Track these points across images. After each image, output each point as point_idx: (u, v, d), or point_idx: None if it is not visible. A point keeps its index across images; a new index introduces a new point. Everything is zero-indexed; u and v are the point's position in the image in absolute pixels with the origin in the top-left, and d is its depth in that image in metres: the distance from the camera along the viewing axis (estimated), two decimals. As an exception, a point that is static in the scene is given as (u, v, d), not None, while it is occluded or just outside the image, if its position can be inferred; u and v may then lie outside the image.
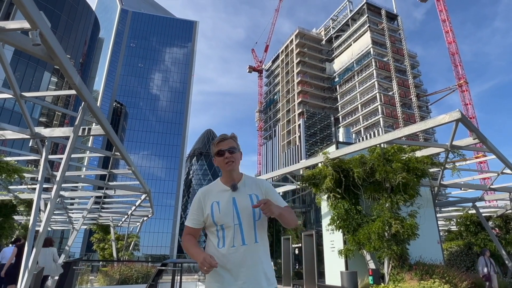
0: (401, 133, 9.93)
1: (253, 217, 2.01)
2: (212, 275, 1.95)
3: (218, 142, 2.15)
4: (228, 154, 2.09)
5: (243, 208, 2.01)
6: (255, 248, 1.99)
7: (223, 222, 1.99)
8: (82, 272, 13.00)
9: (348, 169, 10.85)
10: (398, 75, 72.11)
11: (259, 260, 1.99)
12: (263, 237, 2.08)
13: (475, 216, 18.27)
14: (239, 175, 2.16)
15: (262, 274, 1.97)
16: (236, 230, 1.97)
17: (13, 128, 8.37)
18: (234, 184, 2.08)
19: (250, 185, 2.14)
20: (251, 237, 1.99)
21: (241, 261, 1.93)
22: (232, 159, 2.10)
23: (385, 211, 10.01)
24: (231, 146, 2.12)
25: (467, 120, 8.72)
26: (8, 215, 15.85)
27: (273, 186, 8.01)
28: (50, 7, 47.33)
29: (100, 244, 23.88)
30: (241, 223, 1.99)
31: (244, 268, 1.92)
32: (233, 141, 2.16)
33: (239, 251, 1.94)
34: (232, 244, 1.96)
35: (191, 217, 2.08)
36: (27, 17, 4.29)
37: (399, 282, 9.11)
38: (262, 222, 2.07)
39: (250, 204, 2.03)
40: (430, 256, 10.85)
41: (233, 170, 2.11)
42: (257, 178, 2.26)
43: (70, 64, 5.76)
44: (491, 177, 12.99)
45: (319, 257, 13.23)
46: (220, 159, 2.12)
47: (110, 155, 10.72)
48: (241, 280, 1.91)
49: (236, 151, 2.14)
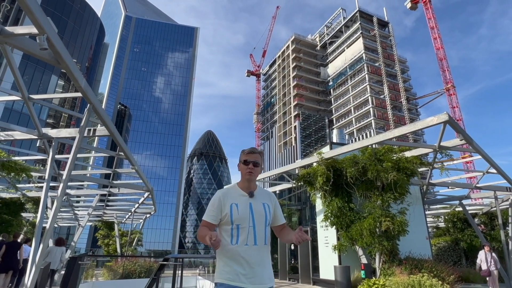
0: (392, 134, 9.97)
1: (265, 222, 2.20)
2: (224, 268, 2.10)
3: (248, 153, 2.32)
4: (252, 166, 2.27)
5: (258, 213, 2.19)
6: (264, 249, 2.18)
7: (240, 222, 2.14)
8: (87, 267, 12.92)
9: (341, 168, 10.87)
10: (389, 79, 72.32)
11: (266, 260, 2.18)
12: (269, 241, 2.25)
13: (462, 213, 18.36)
14: (254, 185, 2.33)
15: (267, 272, 2.16)
16: (250, 231, 2.13)
17: (22, 129, 8.34)
18: (251, 192, 2.25)
19: (263, 195, 2.32)
20: (261, 239, 2.16)
21: (252, 259, 2.09)
22: (253, 171, 2.27)
23: (376, 209, 10.03)
24: (256, 160, 2.29)
25: (454, 122, 8.76)
26: (16, 212, 15.78)
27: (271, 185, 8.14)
28: (58, 13, 47.15)
29: (105, 240, 23.82)
30: (255, 225, 2.15)
31: (253, 265, 2.08)
32: (260, 157, 2.33)
33: (251, 249, 2.11)
34: (245, 242, 2.11)
35: (210, 213, 2.18)
36: (35, 23, 4.28)
37: (390, 276, 9.12)
38: (269, 229, 2.28)
39: (263, 210, 2.22)
40: (419, 251, 10.88)
41: (251, 179, 2.28)
42: (268, 191, 2.44)
43: (76, 68, 5.74)
44: (477, 176, 13.03)
45: (313, 253, 13.25)
46: (244, 167, 2.29)
47: (114, 155, 10.70)
48: (250, 275, 2.06)
49: (259, 165, 2.31)
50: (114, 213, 21.14)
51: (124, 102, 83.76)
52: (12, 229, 15.72)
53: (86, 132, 7.96)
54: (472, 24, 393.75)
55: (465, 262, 18.69)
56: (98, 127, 8.42)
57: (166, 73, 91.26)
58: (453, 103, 66.66)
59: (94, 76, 62.78)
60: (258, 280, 2.06)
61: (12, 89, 10.41)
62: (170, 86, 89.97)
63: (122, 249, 22.25)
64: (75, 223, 22.44)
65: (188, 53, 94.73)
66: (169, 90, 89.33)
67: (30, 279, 6.28)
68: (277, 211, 2.34)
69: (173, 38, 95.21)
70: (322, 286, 12.01)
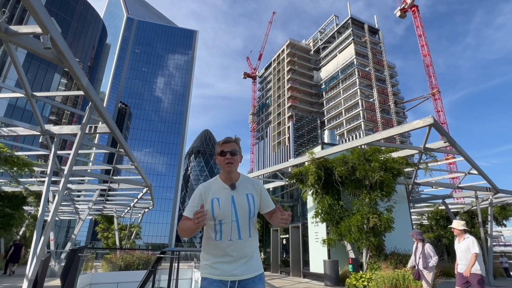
0: (380, 136, 10.02)
1: (248, 215, 2.04)
2: (209, 264, 2.01)
3: (223, 143, 2.15)
4: (230, 155, 2.09)
5: (240, 206, 2.03)
6: (249, 242, 2.04)
7: (222, 217, 2.00)
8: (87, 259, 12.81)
9: (331, 167, 10.92)
10: (378, 83, 72.73)
11: (251, 253, 2.04)
12: (255, 232, 2.13)
13: (445, 211, 18.57)
14: (237, 175, 2.16)
15: (253, 264, 2.03)
16: (234, 226, 2.00)
17: (25, 125, 8.24)
18: (233, 184, 2.09)
19: (246, 185, 2.14)
20: (246, 232, 2.03)
21: (236, 253, 1.98)
22: (232, 160, 2.09)
23: (364, 206, 10.09)
24: (233, 148, 2.12)
25: (438, 125, 8.83)
26: (18, 206, 15.58)
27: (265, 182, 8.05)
28: (61, 14, 46.58)
29: (104, 233, 23.65)
30: (238, 219, 2.01)
31: (238, 259, 1.98)
32: (236, 145, 2.16)
33: (235, 244, 1.99)
34: (229, 238, 1.99)
35: (191, 209, 2.04)
36: (39, 23, 4.23)
37: (376, 270, 9.19)
38: (254, 220, 2.11)
39: (247, 202, 2.05)
40: (404, 247, 10.97)
41: (231, 171, 2.11)
42: (253, 179, 2.25)
43: (79, 67, 5.68)
44: (459, 177, 13.16)
45: (304, 247, 13.29)
46: (221, 158, 2.12)
47: (114, 151, 10.61)
48: (235, 269, 1.96)
49: (237, 154, 2.13)
50: (113, 208, 20.98)
51: (125, 101, 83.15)
52: (14, 222, 15.54)
53: (88, 129, 7.89)
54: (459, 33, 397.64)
55: (447, 258, 18.91)
56: (99, 125, 8.34)
57: (166, 73, 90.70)
58: (438, 107, 67.22)
59: (96, 75, 62.13)
60: (242, 271, 1.97)
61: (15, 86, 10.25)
62: (170, 86, 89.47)
63: (121, 242, 22.11)
64: (75, 216, 22.24)
65: (187, 54, 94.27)
66: (168, 90, 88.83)
67: (31, 270, 6.21)
68: (264, 199, 2.15)
69: (173, 40, 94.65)
70: (312, 279, 12.07)
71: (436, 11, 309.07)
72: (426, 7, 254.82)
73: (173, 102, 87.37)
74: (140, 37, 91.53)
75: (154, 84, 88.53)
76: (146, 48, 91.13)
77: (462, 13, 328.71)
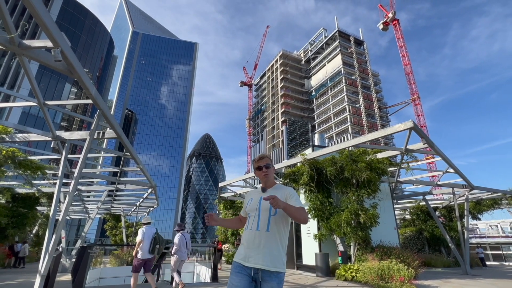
0: (366, 138, 10.07)
1: (269, 212, 2.22)
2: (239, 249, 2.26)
3: (258, 160, 2.46)
4: (265, 169, 2.40)
5: (264, 205, 2.25)
6: (266, 235, 2.16)
7: (250, 212, 2.32)
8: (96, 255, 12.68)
9: (322, 168, 10.93)
10: (363, 90, 73.15)
11: (267, 245, 2.13)
12: (276, 229, 2.19)
13: (425, 207, 18.68)
14: (273, 182, 2.44)
15: (268, 255, 2.11)
16: (255, 219, 2.24)
17: (37, 131, 8.16)
18: (263, 188, 2.36)
19: (276, 190, 2.34)
20: (264, 226, 2.19)
21: (251, 241, 2.17)
22: (267, 173, 2.41)
23: (352, 203, 10.11)
24: (267, 163, 2.42)
25: (418, 128, 8.90)
26: (32, 206, 15.42)
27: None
28: (72, 28, 46.36)
29: (112, 230, 23.44)
30: (259, 214, 2.24)
31: (251, 247, 2.15)
32: (268, 159, 2.46)
33: (252, 234, 2.19)
34: (250, 228, 2.23)
35: (242, 208, 2.46)
36: (50, 38, 4.21)
37: (363, 262, 9.20)
38: (277, 218, 2.21)
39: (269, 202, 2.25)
40: (388, 240, 11.01)
41: (267, 181, 2.41)
42: (285, 186, 2.44)
43: (87, 77, 5.66)
44: (438, 175, 13.26)
45: (297, 241, 13.27)
46: (259, 173, 2.43)
47: (121, 155, 10.55)
48: (250, 256, 2.13)
49: (270, 166, 2.43)
50: (121, 207, 20.82)
51: (131, 108, 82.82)
52: (27, 221, 15.35)
53: (96, 134, 7.84)
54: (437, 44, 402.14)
55: (427, 249, 18.98)
56: (107, 130, 8.30)
57: (169, 82, 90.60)
58: (419, 112, 67.73)
59: (104, 85, 61.79)
60: (253, 260, 2.09)
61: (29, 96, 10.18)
62: (173, 94, 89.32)
63: (127, 239, 21.92)
64: (85, 215, 22.00)
65: (189, 65, 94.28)
66: (171, 98, 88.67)
67: (43, 265, 6.13)
68: (288, 201, 2.22)
69: (175, 52, 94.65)
70: (304, 270, 12.04)
71: (416, 24, 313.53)
72: (407, 21, 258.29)
73: (176, 108, 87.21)
74: (144, 49, 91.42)
75: (158, 92, 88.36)
76: (150, 59, 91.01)
77: (440, 27, 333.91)
